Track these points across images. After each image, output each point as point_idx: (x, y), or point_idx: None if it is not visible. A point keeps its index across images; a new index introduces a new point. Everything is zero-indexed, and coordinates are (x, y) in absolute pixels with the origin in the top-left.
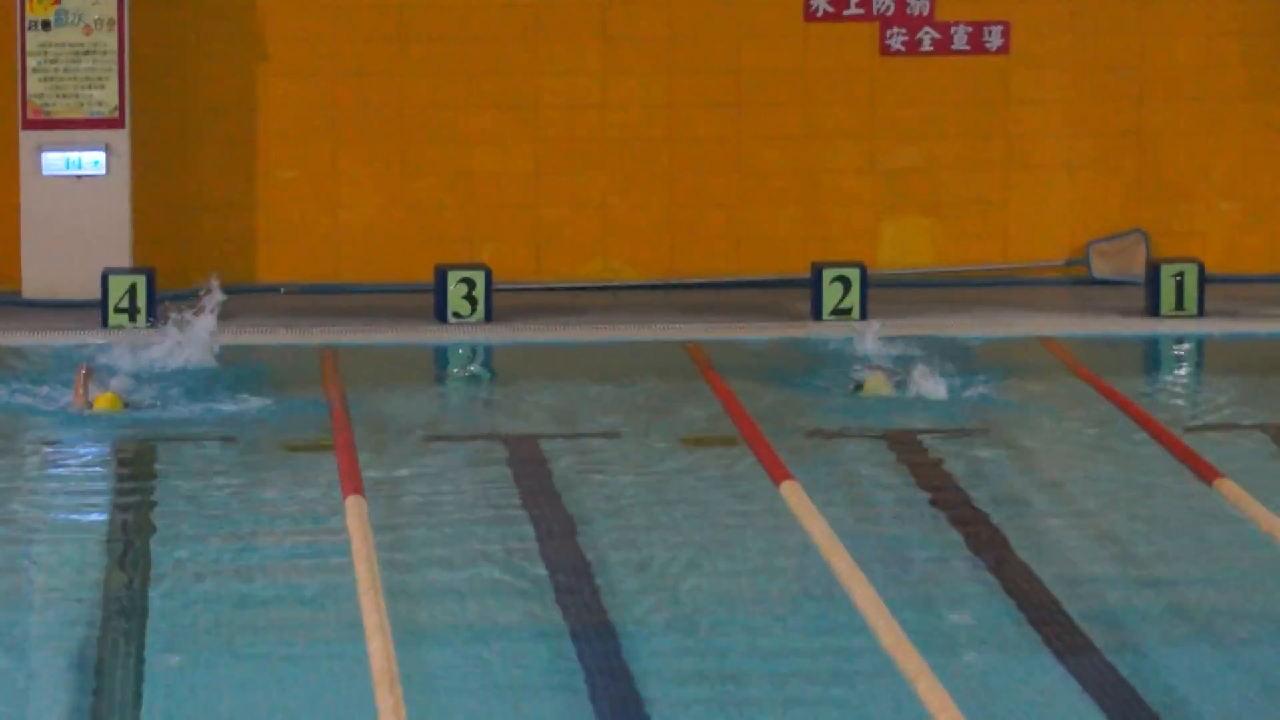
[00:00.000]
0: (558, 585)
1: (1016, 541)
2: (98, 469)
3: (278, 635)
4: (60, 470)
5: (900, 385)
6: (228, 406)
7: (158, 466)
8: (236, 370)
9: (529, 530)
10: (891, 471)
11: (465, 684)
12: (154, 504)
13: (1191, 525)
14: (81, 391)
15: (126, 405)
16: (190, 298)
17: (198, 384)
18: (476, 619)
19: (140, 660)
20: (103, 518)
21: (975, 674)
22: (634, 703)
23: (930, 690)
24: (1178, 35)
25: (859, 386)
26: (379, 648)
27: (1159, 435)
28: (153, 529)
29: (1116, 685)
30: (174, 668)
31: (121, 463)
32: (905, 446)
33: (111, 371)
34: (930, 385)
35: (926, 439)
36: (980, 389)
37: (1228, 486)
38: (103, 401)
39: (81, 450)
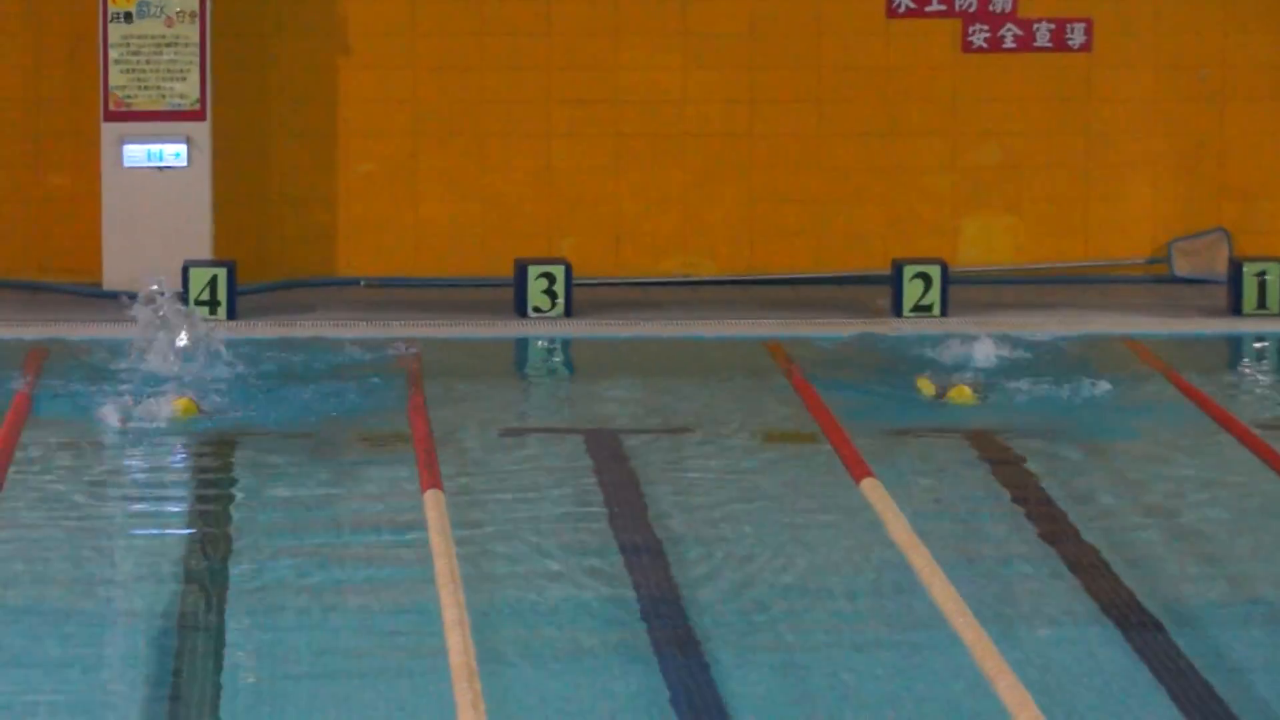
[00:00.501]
0: (632, 576)
1: (1095, 540)
2: (192, 475)
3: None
4: (158, 480)
5: (984, 392)
6: (303, 402)
7: (240, 467)
8: (313, 364)
9: (604, 524)
10: (972, 470)
11: (542, 670)
12: (239, 501)
13: (1272, 523)
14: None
15: (202, 411)
16: (268, 290)
17: (267, 381)
18: (549, 607)
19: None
20: (202, 515)
21: (1053, 669)
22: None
23: (1010, 689)
24: (1257, 33)
25: (942, 393)
26: (457, 641)
27: (1241, 435)
28: (240, 524)
29: (1198, 686)
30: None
31: (207, 468)
32: (986, 446)
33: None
34: (1012, 390)
35: (1009, 438)
36: (1061, 389)
37: None
38: (181, 406)
39: (173, 459)
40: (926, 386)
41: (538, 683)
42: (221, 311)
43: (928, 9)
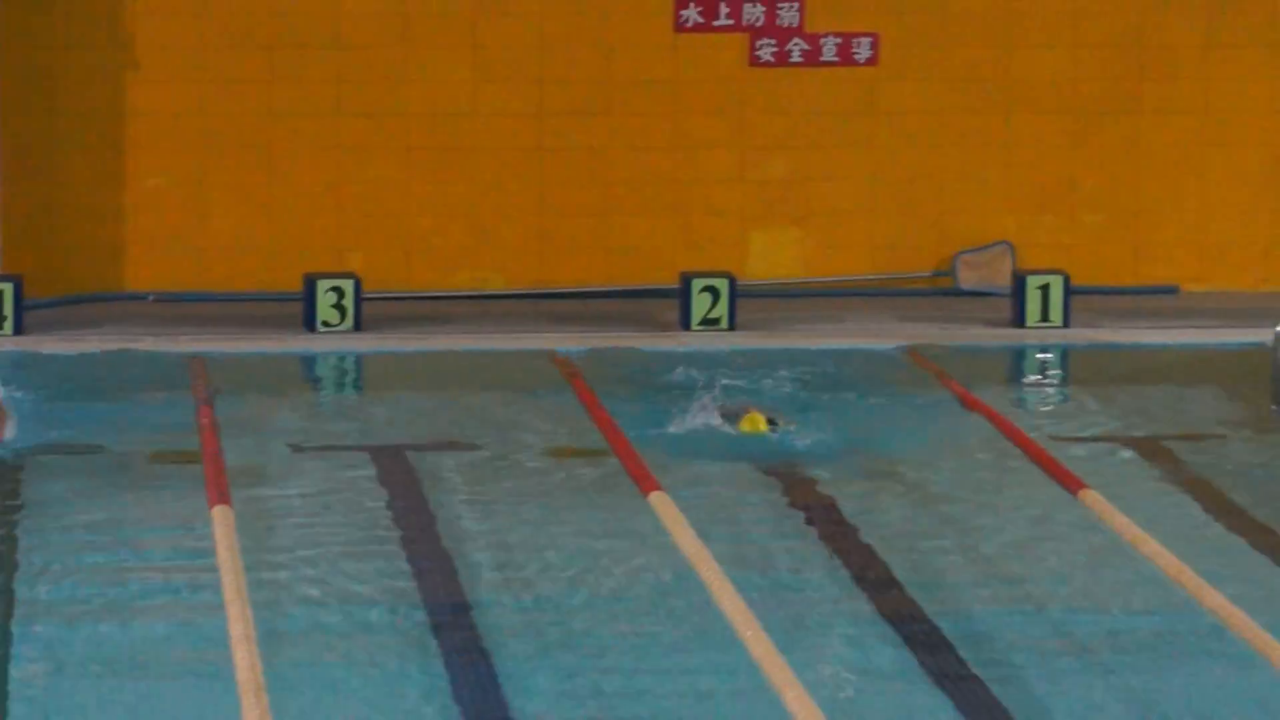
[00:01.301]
0: (421, 590)
1: (888, 557)
2: None
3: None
4: None
5: (774, 423)
6: (95, 415)
7: (28, 482)
8: (104, 379)
9: (396, 541)
10: (759, 487)
11: (332, 690)
12: (26, 516)
13: (1057, 536)
14: None
15: None
16: (59, 305)
17: (59, 398)
18: (340, 626)
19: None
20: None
21: (840, 680)
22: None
23: (798, 700)
24: (1041, 48)
25: (732, 418)
26: (244, 658)
27: (1025, 446)
28: (23, 539)
29: (981, 695)
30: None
31: None
32: (775, 467)
33: None
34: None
35: (797, 462)
36: (848, 402)
37: (1092, 497)
38: None
39: None
40: (757, 423)
41: (327, 699)
42: (8, 326)
43: (715, 23)
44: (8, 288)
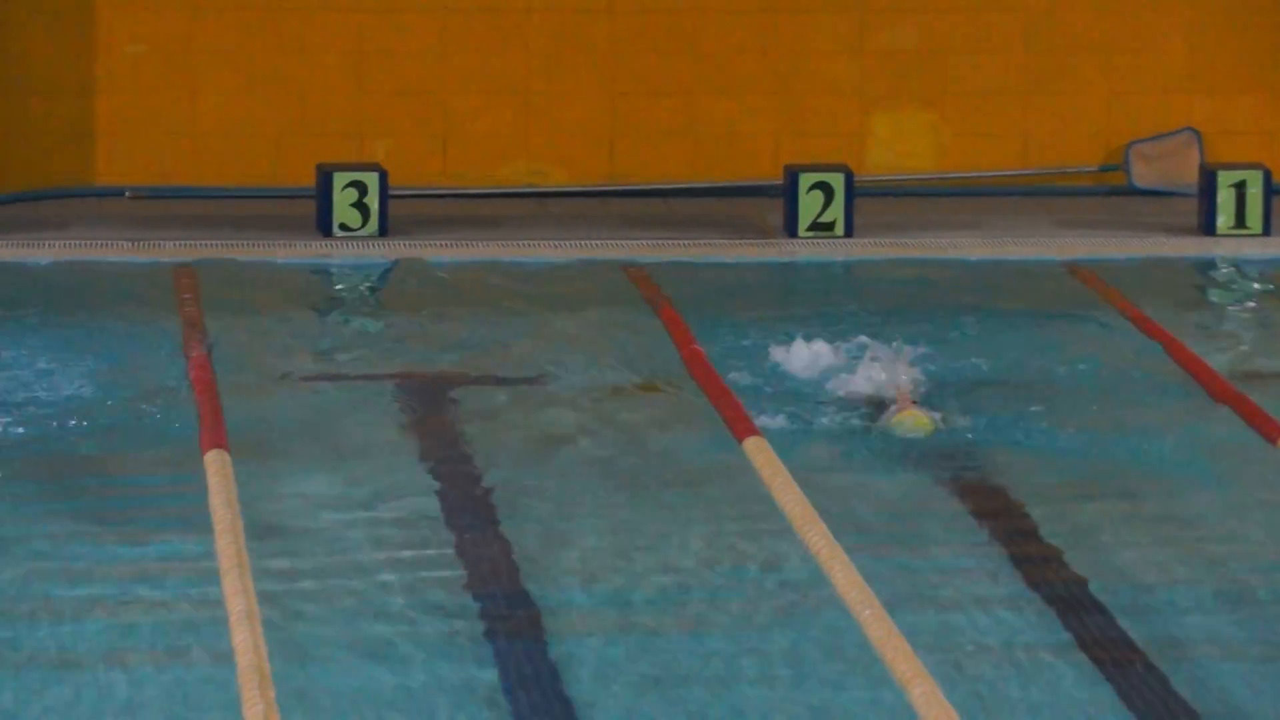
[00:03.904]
0: (458, 545)
1: (1035, 512)
2: None
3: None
4: None
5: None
6: (61, 340)
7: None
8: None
9: (426, 485)
10: (867, 429)
11: (349, 667)
12: None
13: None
14: None
15: None
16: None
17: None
18: (361, 588)
19: None
20: None
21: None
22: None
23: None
24: None
25: (877, 409)
26: (246, 639)
27: (1210, 383)
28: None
29: None
30: None
31: None
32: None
33: None
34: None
35: (928, 402)
36: (993, 328)
37: None
38: None
39: None
40: (920, 421)
41: (338, 680)
42: None
43: None
44: None
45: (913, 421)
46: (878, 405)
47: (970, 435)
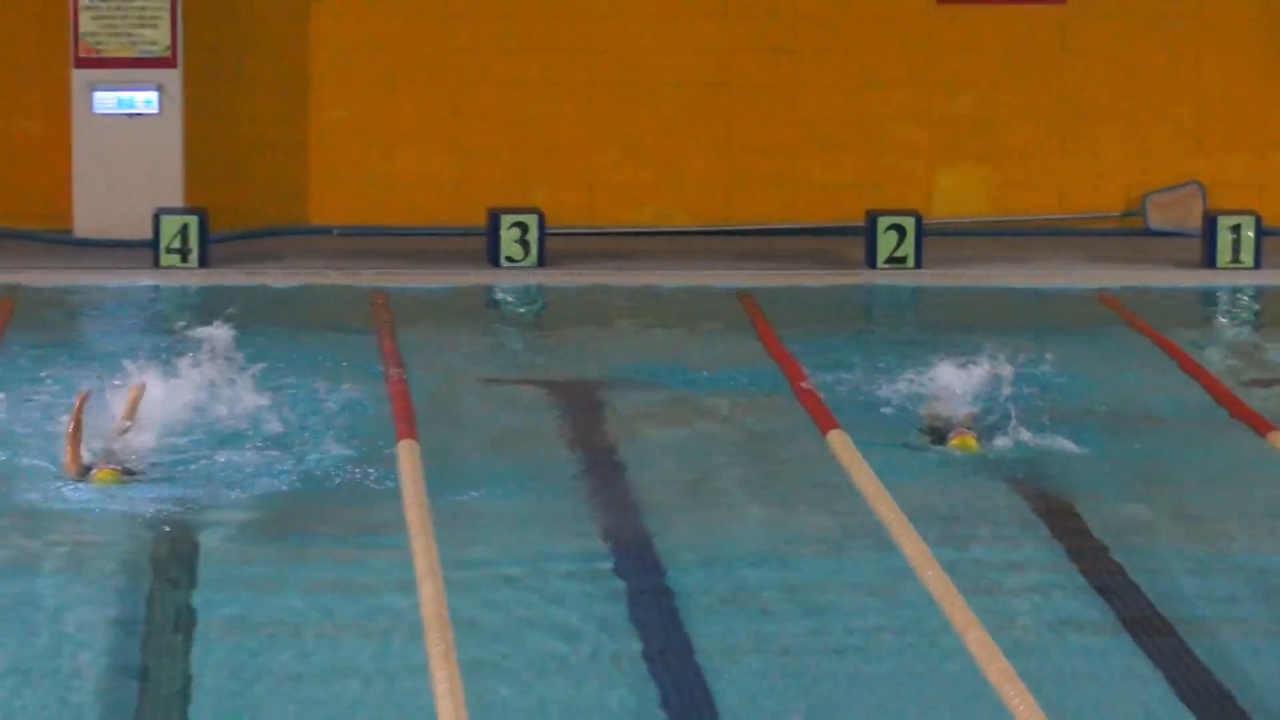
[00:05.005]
0: (608, 527)
1: (1083, 508)
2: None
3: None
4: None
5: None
6: (272, 352)
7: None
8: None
9: (580, 474)
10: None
11: (518, 630)
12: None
13: (1243, 476)
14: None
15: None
16: (239, 239)
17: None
18: (531, 559)
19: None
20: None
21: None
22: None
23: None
24: None
25: (935, 434)
26: (430, 592)
27: (1213, 388)
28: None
29: None
30: None
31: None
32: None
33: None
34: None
35: (988, 409)
36: (1040, 344)
37: None
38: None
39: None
40: (966, 443)
41: (508, 641)
42: (193, 259)
43: None
44: (192, 221)
45: (964, 446)
46: (939, 433)
47: (1011, 427)
